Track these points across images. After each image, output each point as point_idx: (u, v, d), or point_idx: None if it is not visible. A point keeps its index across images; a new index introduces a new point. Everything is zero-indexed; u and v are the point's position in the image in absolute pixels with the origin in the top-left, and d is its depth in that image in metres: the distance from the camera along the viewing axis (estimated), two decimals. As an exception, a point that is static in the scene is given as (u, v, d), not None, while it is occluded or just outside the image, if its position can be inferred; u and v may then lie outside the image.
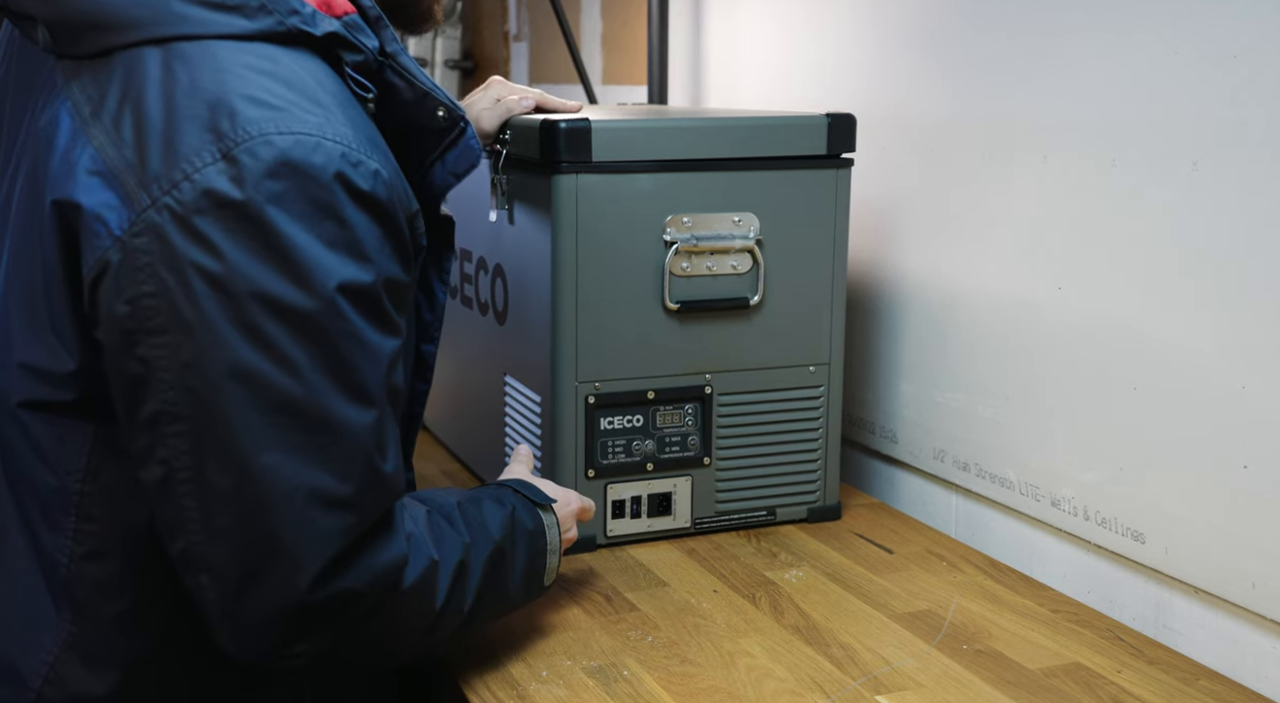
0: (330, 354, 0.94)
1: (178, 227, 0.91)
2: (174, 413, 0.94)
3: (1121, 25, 1.34)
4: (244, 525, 0.94)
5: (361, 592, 0.98)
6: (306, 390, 0.93)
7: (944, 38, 1.59)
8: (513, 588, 1.19)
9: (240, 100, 0.94)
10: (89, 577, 1.04)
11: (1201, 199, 1.26)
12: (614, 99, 2.53)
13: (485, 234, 1.65)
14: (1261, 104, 1.19)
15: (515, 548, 1.18)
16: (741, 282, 1.52)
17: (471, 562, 1.11)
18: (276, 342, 0.92)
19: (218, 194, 0.91)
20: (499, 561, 1.15)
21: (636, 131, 1.46)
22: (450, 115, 1.12)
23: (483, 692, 1.18)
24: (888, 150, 1.69)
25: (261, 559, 0.95)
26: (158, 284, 0.92)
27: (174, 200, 0.91)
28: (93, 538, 1.03)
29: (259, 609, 0.96)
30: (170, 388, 0.93)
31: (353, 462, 0.96)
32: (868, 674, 1.22)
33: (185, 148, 0.92)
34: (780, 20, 1.95)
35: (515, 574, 1.19)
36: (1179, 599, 1.33)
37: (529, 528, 1.22)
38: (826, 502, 1.62)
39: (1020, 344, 1.51)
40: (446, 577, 1.07)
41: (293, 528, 0.94)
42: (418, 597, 1.04)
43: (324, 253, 0.93)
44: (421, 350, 1.24)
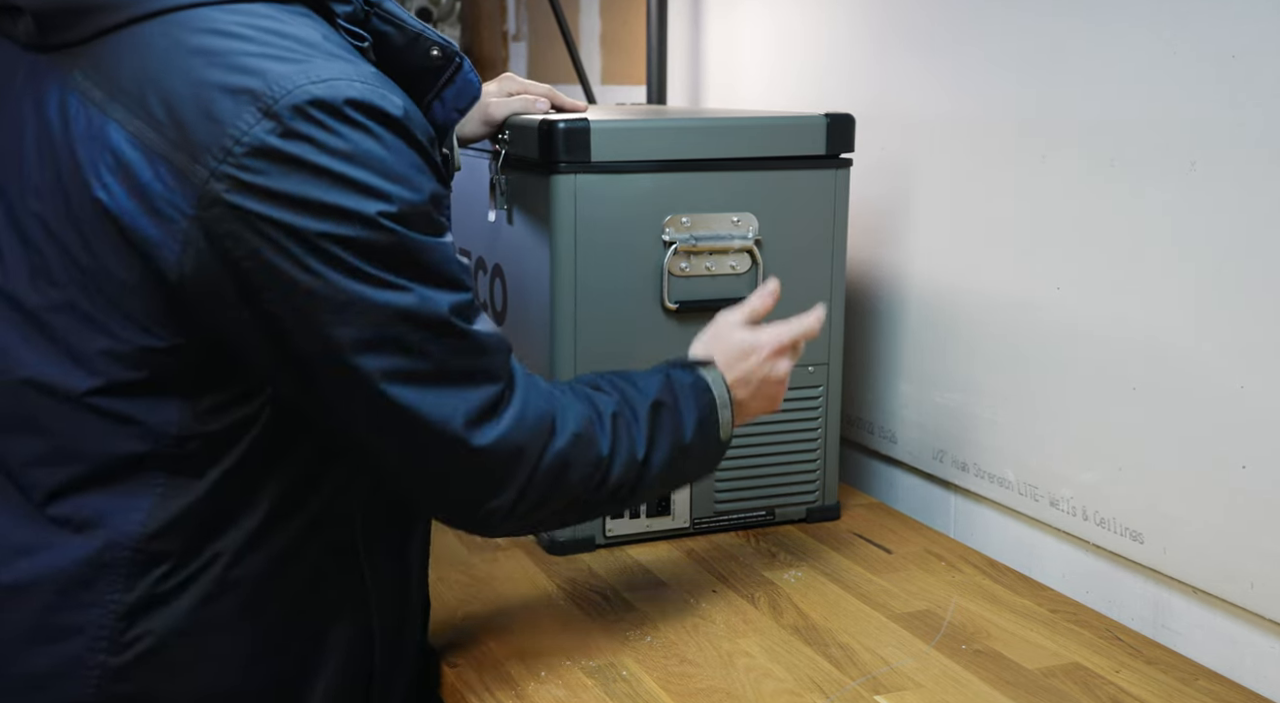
0: (410, 264, 1.02)
1: (242, 190, 0.95)
2: (304, 358, 1.01)
3: (1120, 25, 1.34)
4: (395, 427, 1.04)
5: (521, 443, 1.10)
6: (406, 297, 1.02)
7: (943, 38, 1.60)
8: (689, 437, 1.23)
9: (263, 60, 0.97)
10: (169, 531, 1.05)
11: (1200, 199, 1.26)
12: (613, 99, 2.53)
13: (484, 234, 1.65)
14: (1260, 104, 1.19)
15: (679, 401, 1.24)
16: (740, 282, 1.52)
17: (626, 412, 1.20)
18: (364, 267, 0.99)
19: (271, 149, 0.95)
20: (660, 411, 1.22)
21: (635, 132, 1.46)
22: (445, 52, 1.14)
23: (481, 692, 1.18)
24: (887, 150, 1.69)
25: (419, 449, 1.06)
26: (245, 247, 0.96)
27: (231, 167, 0.95)
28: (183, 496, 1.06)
29: (439, 483, 1.09)
30: (299, 335, 1.00)
31: (463, 338, 1.07)
32: (867, 674, 1.22)
33: (226, 114, 0.95)
34: (779, 20, 1.95)
35: (687, 425, 1.23)
36: (1178, 599, 1.33)
37: (689, 383, 1.26)
38: (825, 502, 1.62)
39: (1019, 344, 1.51)
40: (604, 426, 1.17)
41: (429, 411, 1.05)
42: (584, 446, 1.15)
43: (381, 182, 0.99)
44: None
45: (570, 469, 1.14)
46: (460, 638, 1.29)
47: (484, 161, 1.59)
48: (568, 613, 1.35)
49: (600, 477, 1.16)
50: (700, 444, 1.25)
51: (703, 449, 1.26)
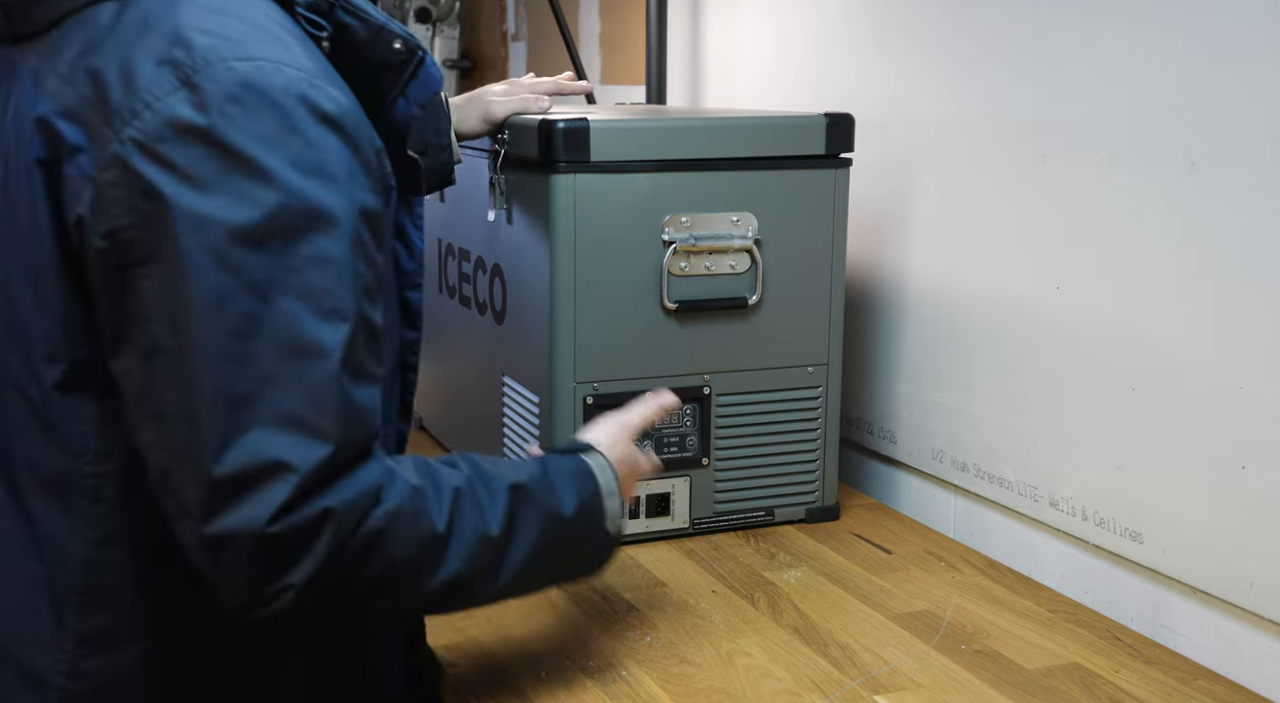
0: (301, 279, 0.92)
1: (144, 156, 0.91)
2: (159, 350, 0.92)
3: (1120, 25, 1.34)
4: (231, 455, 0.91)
5: (335, 510, 0.93)
6: (277, 316, 0.91)
7: (942, 38, 1.59)
8: (569, 523, 1.11)
9: (195, 32, 0.94)
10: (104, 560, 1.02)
11: (1200, 199, 1.26)
12: (612, 99, 2.53)
13: (483, 234, 1.65)
14: (1259, 103, 1.19)
15: (554, 484, 1.11)
16: (740, 282, 1.52)
17: (478, 488, 1.05)
18: (246, 267, 0.91)
19: (181, 121, 0.90)
20: (523, 491, 1.08)
21: (635, 131, 1.46)
22: (407, 46, 1.10)
23: (481, 692, 1.18)
24: (886, 150, 1.69)
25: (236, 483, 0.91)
26: (132, 216, 0.91)
27: (137, 131, 0.91)
28: (105, 520, 1.02)
29: (234, 546, 0.92)
30: (157, 320, 0.92)
31: (327, 390, 0.93)
32: (866, 674, 1.22)
33: (144, 79, 0.92)
34: (778, 20, 1.95)
35: (566, 507, 1.10)
36: (1177, 599, 1.33)
37: (569, 468, 1.14)
38: (825, 502, 1.62)
39: (1019, 344, 1.51)
40: (441, 500, 1.01)
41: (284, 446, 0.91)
42: (409, 520, 0.98)
43: (293, 175, 0.92)
44: (406, 298, 1.22)
45: (388, 545, 0.97)
46: (460, 638, 1.29)
47: (484, 161, 1.59)
48: (568, 613, 1.35)
49: (435, 557, 1.00)
50: (582, 531, 1.13)
51: (585, 539, 1.14)
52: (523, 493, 1.08)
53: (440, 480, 1.03)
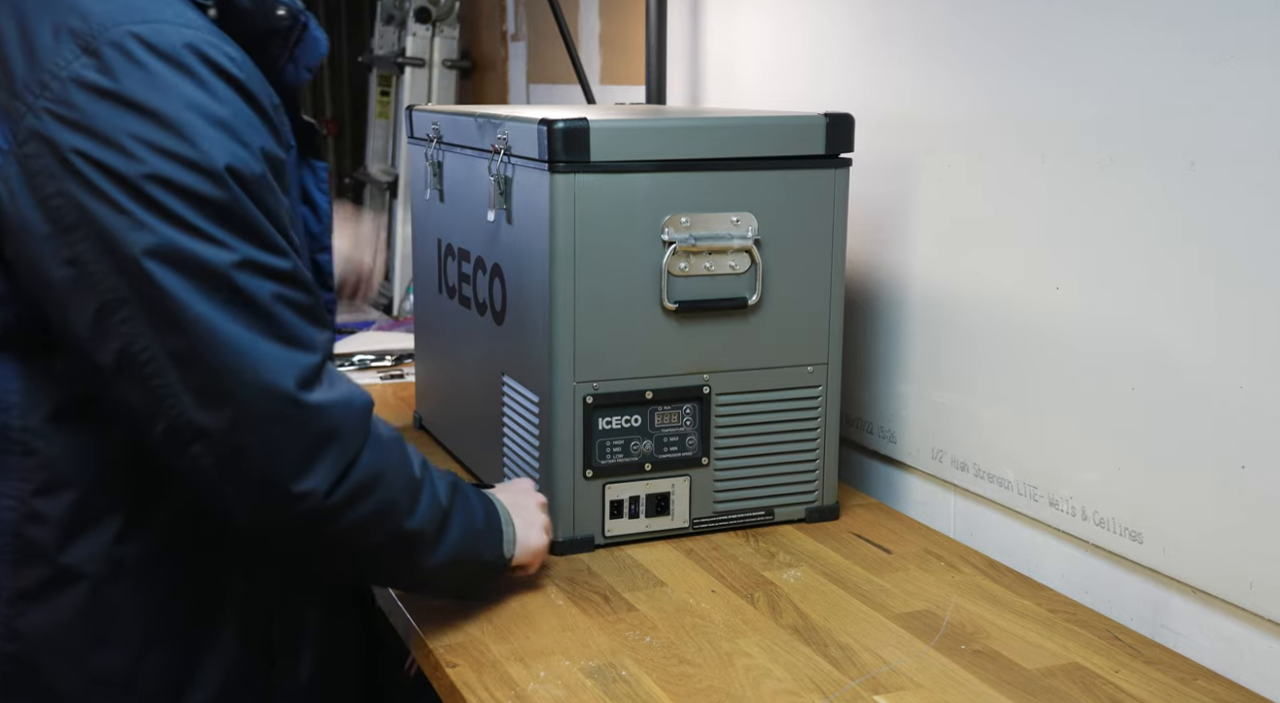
0: (237, 224, 1.01)
1: (60, 124, 0.96)
2: (116, 300, 0.99)
3: (1120, 25, 1.34)
4: (217, 377, 1.01)
5: (345, 422, 1.07)
6: (225, 253, 1.00)
7: (942, 38, 1.59)
8: (480, 524, 1.27)
9: (91, 2, 0.99)
10: (38, 512, 1.08)
11: (1200, 199, 1.26)
12: (612, 99, 2.53)
13: (483, 234, 1.65)
14: (1259, 103, 1.19)
15: (470, 495, 1.27)
16: (740, 282, 1.52)
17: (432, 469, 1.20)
18: (181, 213, 0.98)
19: (88, 83, 0.97)
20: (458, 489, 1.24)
21: (634, 131, 1.46)
22: (290, 12, 1.15)
23: (481, 692, 1.18)
24: (886, 150, 1.69)
25: (245, 400, 1.01)
26: (58, 183, 0.97)
27: (48, 102, 0.97)
28: (38, 472, 1.07)
29: (263, 447, 1.03)
30: (104, 278, 0.98)
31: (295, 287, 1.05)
32: (866, 674, 1.22)
33: (45, 52, 0.98)
34: (778, 20, 1.95)
35: (477, 515, 1.26)
36: (1177, 599, 1.33)
37: (475, 492, 1.29)
38: (825, 502, 1.62)
39: (1018, 344, 1.51)
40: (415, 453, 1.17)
41: (260, 361, 1.02)
42: (394, 454, 1.14)
43: (204, 126, 0.99)
44: (317, 260, 1.29)
45: (387, 476, 1.12)
46: (460, 638, 1.29)
47: (484, 161, 1.59)
48: (567, 613, 1.35)
49: (409, 503, 1.15)
50: (487, 540, 1.28)
51: (489, 547, 1.28)
52: (458, 484, 1.24)
53: (412, 447, 1.18)
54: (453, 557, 1.23)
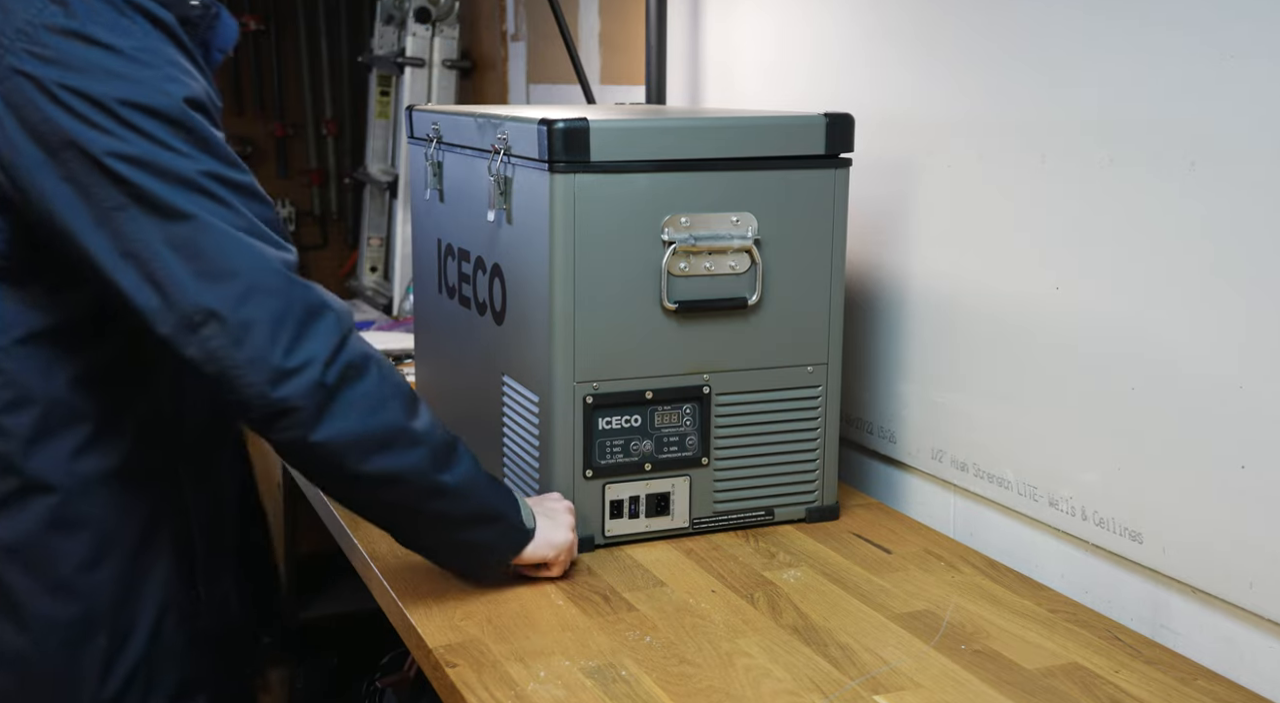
0: (205, 146, 1.15)
1: (37, 61, 1.11)
2: (113, 206, 1.12)
3: (1120, 25, 1.34)
4: (218, 259, 1.14)
5: (333, 306, 1.20)
6: (193, 163, 1.14)
7: (942, 38, 1.59)
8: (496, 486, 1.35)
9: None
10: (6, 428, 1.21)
11: (1200, 199, 1.26)
12: (612, 99, 2.53)
13: (483, 234, 1.65)
14: (1259, 104, 1.19)
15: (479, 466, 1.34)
16: (740, 282, 1.52)
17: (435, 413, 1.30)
18: (151, 130, 1.12)
19: (59, 26, 1.11)
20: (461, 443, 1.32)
21: (634, 131, 1.46)
22: (202, 3, 1.24)
23: (481, 692, 1.18)
24: (886, 150, 1.69)
25: (248, 275, 1.15)
26: (41, 112, 1.11)
27: (25, 44, 1.11)
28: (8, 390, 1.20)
29: (269, 317, 1.15)
30: (99, 188, 1.12)
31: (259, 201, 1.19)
32: (866, 674, 1.22)
33: (17, 5, 1.12)
34: (778, 20, 1.95)
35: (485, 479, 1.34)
36: (1177, 599, 1.33)
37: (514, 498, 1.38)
38: (825, 502, 1.62)
39: (1018, 344, 1.51)
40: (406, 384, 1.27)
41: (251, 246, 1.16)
42: (388, 367, 1.24)
43: (159, 63, 1.14)
44: None
45: (380, 371, 1.23)
46: (460, 638, 1.29)
47: (483, 161, 1.59)
48: (567, 613, 1.35)
49: (409, 401, 1.25)
50: (503, 497, 1.35)
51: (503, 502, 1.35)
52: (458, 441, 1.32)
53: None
54: (467, 486, 1.30)
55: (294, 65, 3.98)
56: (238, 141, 3.91)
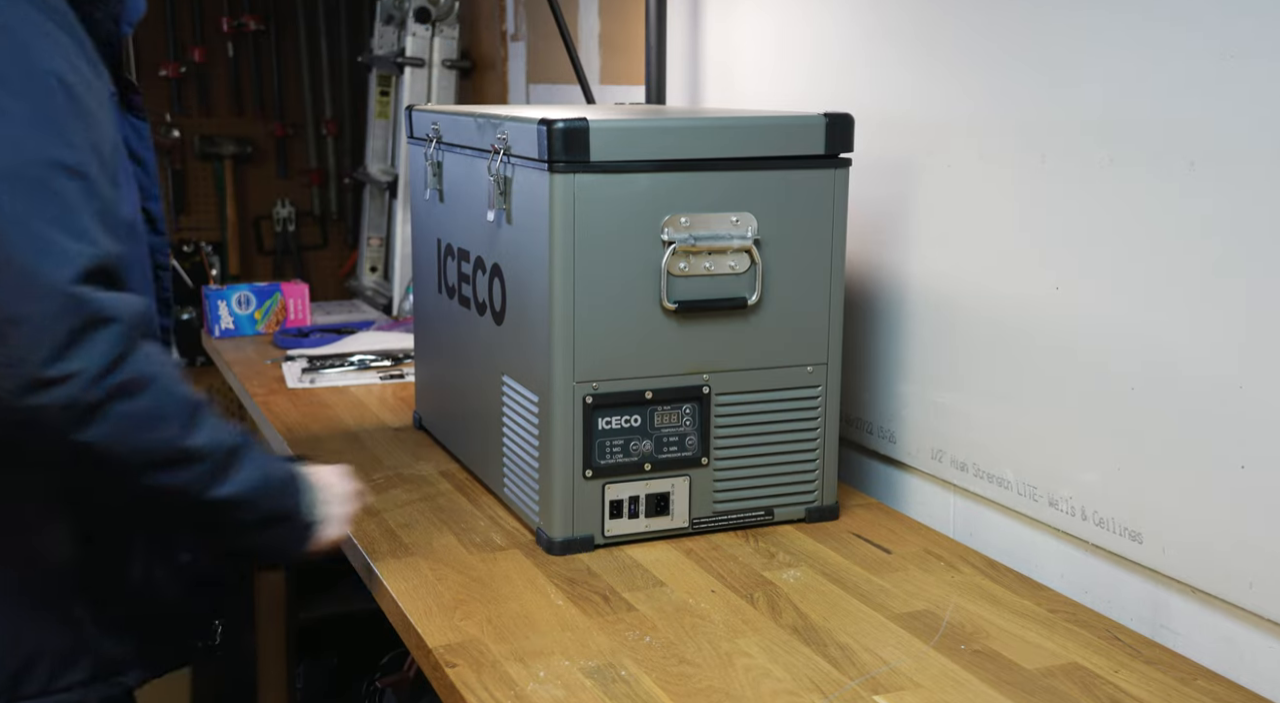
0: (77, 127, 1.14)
1: None
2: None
3: (1120, 25, 1.34)
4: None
5: (116, 318, 1.13)
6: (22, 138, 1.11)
7: (942, 38, 1.59)
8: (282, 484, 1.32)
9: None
10: None
11: (1199, 199, 1.26)
12: (612, 99, 2.53)
13: (483, 234, 1.65)
14: (1259, 104, 1.19)
15: (265, 452, 1.32)
16: (740, 282, 1.52)
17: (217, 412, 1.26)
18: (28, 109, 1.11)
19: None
20: (254, 445, 1.29)
21: (634, 131, 1.46)
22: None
23: (480, 692, 1.18)
24: (886, 150, 1.69)
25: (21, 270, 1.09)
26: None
27: None
28: None
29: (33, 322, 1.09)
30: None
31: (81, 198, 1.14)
32: (865, 674, 1.22)
33: None
34: (778, 20, 1.95)
35: (276, 467, 1.32)
36: (1176, 599, 1.33)
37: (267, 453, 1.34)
38: (824, 502, 1.62)
39: (1018, 344, 1.51)
40: (186, 385, 1.22)
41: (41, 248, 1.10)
42: (169, 371, 1.19)
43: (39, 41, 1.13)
44: (147, 208, 1.39)
45: (161, 383, 1.17)
46: (459, 638, 1.29)
47: (483, 161, 1.59)
48: (566, 613, 1.35)
49: (188, 420, 1.20)
50: (290, 494, 1.33)
51: (292, 502, 1.33)
52: (250, 437, 1.29)
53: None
54: (246, 496, 1.26)
55: (294, 65, 3.98)
56: (237, 142, 3.91)
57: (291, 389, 2.28)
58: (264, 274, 4.03)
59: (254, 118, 3.96)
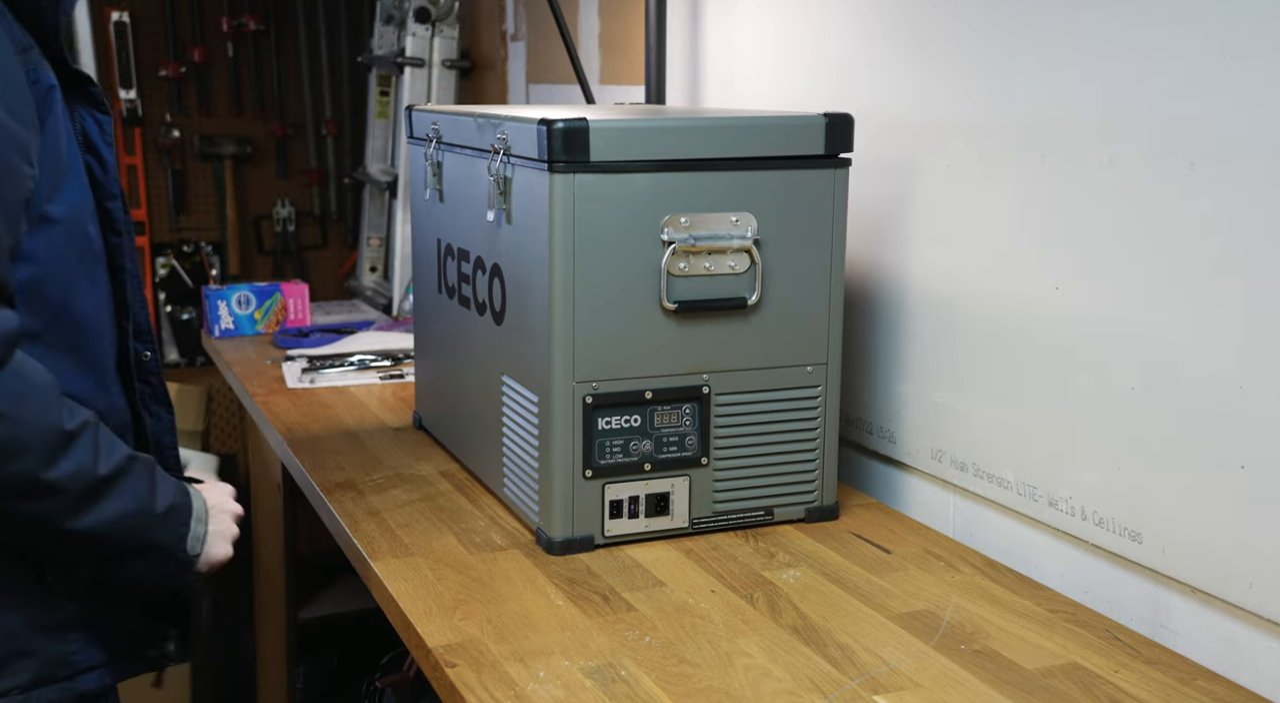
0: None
1: None
2: None
3: (1119, 25, 1.34)
4: None
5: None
6: None
7: (942, 38, 1.59)
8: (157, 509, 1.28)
9: None
10: None
11: (1199, 199, 1.26)
12: (611, 99, 2.53)
13: (483, 234, 1.65)
14: (1259, 104, 1.19)
15: (155, 479, 1.29)
16: (739, 282, 1.52)
17: (104, 435, 1.23)
18: None
19: None
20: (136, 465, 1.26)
21: (634, 131, 1.46)
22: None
23: (480, 692, 1.18)
24: (886, 150, 1.69)
25: None
26: None
27: None
28: None
29: None
30: None
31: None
32: (865, 674, 1.22)
33: None
34: (777, 20, 1.95)
35: (159, 499, 1.29)
36: (1176, 599, 1.33)
37: (173, 481, 1.32)
38: (824, 502, 1.62)
39: (1018, 344, 1.51)
40: (75, 413, 1.19)
41: None
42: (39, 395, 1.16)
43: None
44: (107, 208, 1.35)
45: (14, 414, 1.13)
46: (459, 638, 1.29)
47: (483, 161, 1.59)
48: (566, 613, 1.35)
49: (47, 452, 1.16)
50: (164, 529, 1.30)
51: (164, 534, 1.30)
52: (136, 464, 1.26)
53: (76, 406, 1.20)
54: (108, 530, 1.24)
55: (294, 65, 3.98)
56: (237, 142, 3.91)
57: (291, 389, 2.28)
58: (264, 274, 4.03)
59: (254, 118, 3.96)
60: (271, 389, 2.28)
